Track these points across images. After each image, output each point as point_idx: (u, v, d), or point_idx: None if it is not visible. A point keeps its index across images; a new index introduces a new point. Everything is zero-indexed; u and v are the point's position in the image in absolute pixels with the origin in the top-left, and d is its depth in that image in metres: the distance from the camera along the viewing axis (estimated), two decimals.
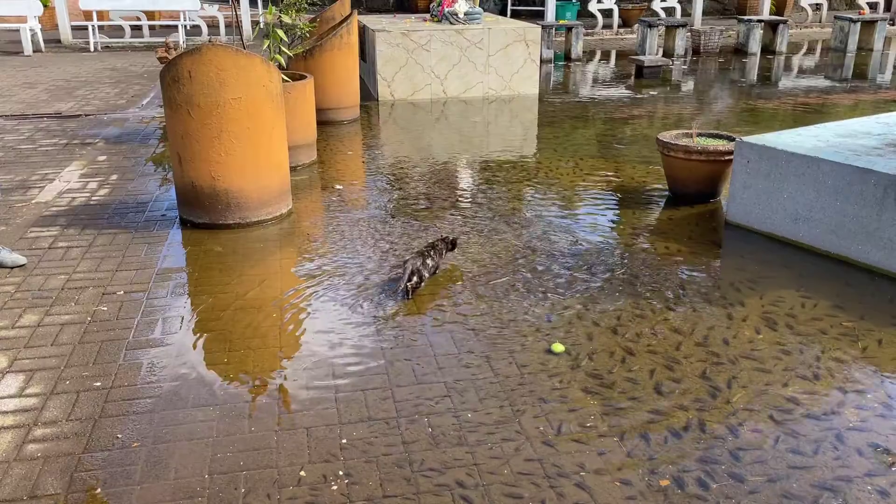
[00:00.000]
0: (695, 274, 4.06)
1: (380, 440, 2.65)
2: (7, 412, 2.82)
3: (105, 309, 3.64)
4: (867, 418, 2.79)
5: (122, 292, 3.81)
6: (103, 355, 3.21)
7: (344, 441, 2.64)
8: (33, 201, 5.22)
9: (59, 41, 13.56)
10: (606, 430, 2.70)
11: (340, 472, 2.48)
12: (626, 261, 4.21)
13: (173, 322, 3.51)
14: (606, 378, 3.04)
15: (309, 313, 3.63)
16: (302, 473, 2.48)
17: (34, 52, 12.61)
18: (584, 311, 3.60)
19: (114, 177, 5.81)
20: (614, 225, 4.78)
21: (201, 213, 4.67)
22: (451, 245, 4.10)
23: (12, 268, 4.09)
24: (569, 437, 2.66)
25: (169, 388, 2.97)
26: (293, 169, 5.49)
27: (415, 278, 3.70)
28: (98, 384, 2.99)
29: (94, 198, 5.30)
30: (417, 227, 4.70)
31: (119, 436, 2.67)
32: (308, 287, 3.90)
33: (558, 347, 3.26)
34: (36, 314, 3.58)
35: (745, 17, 13.81)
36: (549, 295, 3.77)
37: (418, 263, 3.74)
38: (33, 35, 12.66)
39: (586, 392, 2.94)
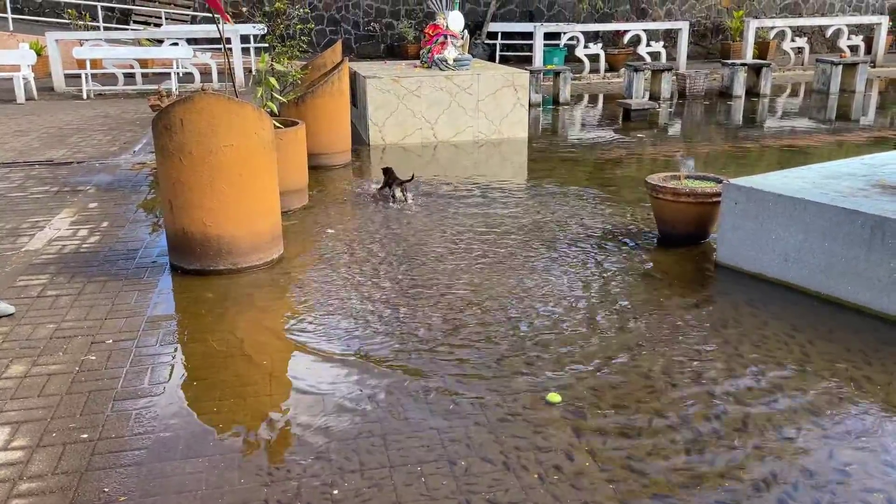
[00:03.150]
0: (686, 316, 4.05)
1: (372, 492, 2.61)
2: None
3: (93, 358, 3.60)
4: (866, 461, 2.77)
5: (111, 341, 3.78)
6: (91, 406, 3.16)
7: (336, 492, 2.60)
8: (23, 249, 5.20)
9: (52, 89, 13.67)
10: (596, 472, 2.67)
11: None
12: (615, 303, 4.21)
13: (162, 371, 3.48)
14: (598, 422, 3.02)
15: (300, 361, 3.60)
16: None
17: (27, 99, 12.69)
18: (573, 352, 3.59)
19: (104, 224, 5.81)
20: (603, 267, 4.79)
21: (192, 260, 4.66)
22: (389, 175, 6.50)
23: (0, 317, 4.05)
24: (558, 477, 2.63)
25: (157, 440, 2.92)
26: (284, 214, 5.50)
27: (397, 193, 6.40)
28: (85, 436, 2.94)
29: (84, 245, 5.28)
30: (408, 270, 4.71)
31: (106, 489, 2.62)
32: (299, 334, 3.87)
33: (554, 397, 3.20)
34: (23, 364, 3.54)
35: (730, 61, 14.08)
36: (541, 336, 3.77)
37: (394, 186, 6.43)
38: (26, 83, 12.76)
39: (578, 436, 2.91)
